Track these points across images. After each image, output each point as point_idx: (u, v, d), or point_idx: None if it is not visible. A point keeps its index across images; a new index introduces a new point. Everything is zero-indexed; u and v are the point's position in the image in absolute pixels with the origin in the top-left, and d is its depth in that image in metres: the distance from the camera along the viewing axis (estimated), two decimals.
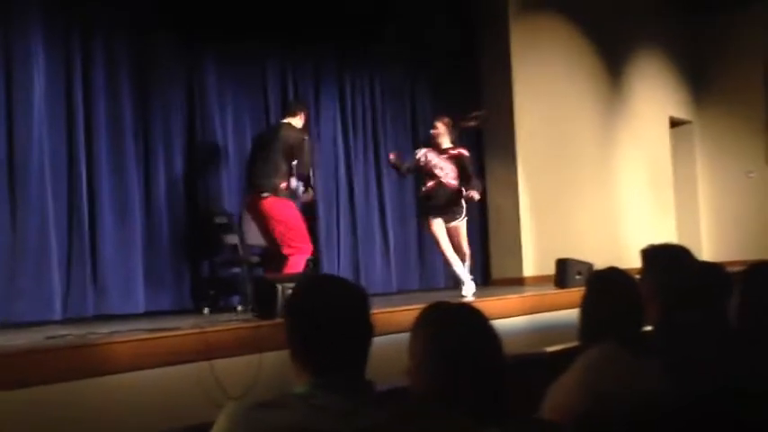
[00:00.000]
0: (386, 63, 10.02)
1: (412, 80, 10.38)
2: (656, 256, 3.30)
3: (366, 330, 2.11)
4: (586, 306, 2.82)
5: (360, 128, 9.72)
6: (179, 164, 7.87)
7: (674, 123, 14.59)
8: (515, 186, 10.87)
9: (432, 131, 7.91)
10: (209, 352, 4.81)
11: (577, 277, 8.45)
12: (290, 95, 8.90)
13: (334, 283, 2.19)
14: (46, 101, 6.84)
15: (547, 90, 11.37)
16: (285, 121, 7.26)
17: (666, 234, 13.01)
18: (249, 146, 8.04)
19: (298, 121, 7.24)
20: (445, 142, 7.85)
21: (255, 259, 7.36)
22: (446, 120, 7.95)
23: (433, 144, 7.86)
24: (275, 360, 5.00)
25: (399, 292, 9.65)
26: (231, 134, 8.27)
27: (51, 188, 6.76)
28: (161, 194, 7.66)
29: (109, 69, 7.37)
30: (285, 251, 6.92)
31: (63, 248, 6.86)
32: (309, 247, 7.14)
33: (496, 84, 11.04)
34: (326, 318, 2.07)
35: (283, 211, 6.96)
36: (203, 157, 8.06)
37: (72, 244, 6.94)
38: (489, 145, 11.13)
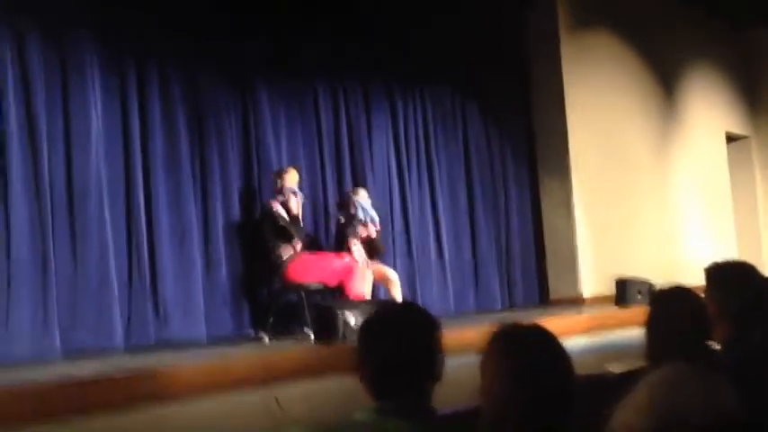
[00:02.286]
0: (436, 86, 10.03)
1: (462, 102, 10.37)
2: (721, 273, 3.24)
3: (436, 359, 2.17)
4: (652, 325, 2.78)
5: (413, 150, 9.72)
6: (235, 191, 7.94)
7: (731, 138, 14.39)
8: (570, 205, 10.79)
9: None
10: (271, 378, 4.84)
11: (638, 296, 8.36)
12: (343, 121, 8.96)
13: (407, 311, 2.26)
14: (104, 133, 6.97)
15: (599, 107, 11.29)
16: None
17: (726, 250, 12.80)
18: (303, 170, 8.14)
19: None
20: None
21: (314, 286, 7.38)
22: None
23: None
24: (338, 385, 5.01)
25: (457, 313, 9.58)
26: (286, 161, 8.31)
27: (110, 217, 6.87)
28: (218, 221, 7.71)
29: (164, 100, 7.47)
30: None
31: (123, 277, 6.95)
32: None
33: (548, 103, 10.99)
34: (397, 346, 2.14)
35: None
36: (259, 184, 8.11)
37: (132, 272, 7.03)
38: (543, 164, 11.08)
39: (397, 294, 7.64)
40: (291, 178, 7.56)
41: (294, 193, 7.49)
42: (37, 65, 6.60)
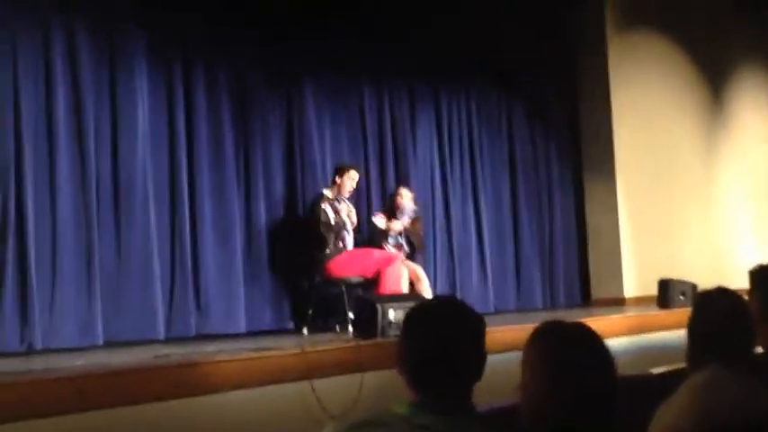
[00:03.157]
0: (482, 86, 10.02)
1: (508, 102, 10.33)
2: (766, 275, 3.19)
3: (479, 356, 2.16)
4: (694, 327, 2.75)
5: (456, 150, 9.70)
6: (278, 188, 7.97)
7: None
8: (614, 205, 10.71)
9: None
10: (310, 372, 4.86)
11: (681, 298, 8.29)
12: (387, 120, 8.99)
13: (452, 306, 2.25)
14: (150, 128, 7.03)
15: (646, 108, 11.19)
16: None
17: None
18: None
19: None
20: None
21: (355, 279, 7.40)
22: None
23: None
24: (376, 380, 5.03)
25: (497, 311, 9.57)
26: (330, 158, 8.34)
27: (155, 211, 6.93)
28: (261, 217, 7.76)
29: (210, 97, 7.51)
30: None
31: (166, 269, 7.00)
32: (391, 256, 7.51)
33: (594, 103, 10.92)
34: (441, 341, 2.13)
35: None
36: (302, 182, 8.14)
37: (174, 265, 7.08)
38: (587, 163, 11.02)
39: (426, 291, 7.65)
40: (349, 179, 7.59)
41: (344, 200, 7.54)
42: (86, 59, 6.66)
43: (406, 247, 8.00)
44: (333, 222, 7.37)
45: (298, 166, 8.16)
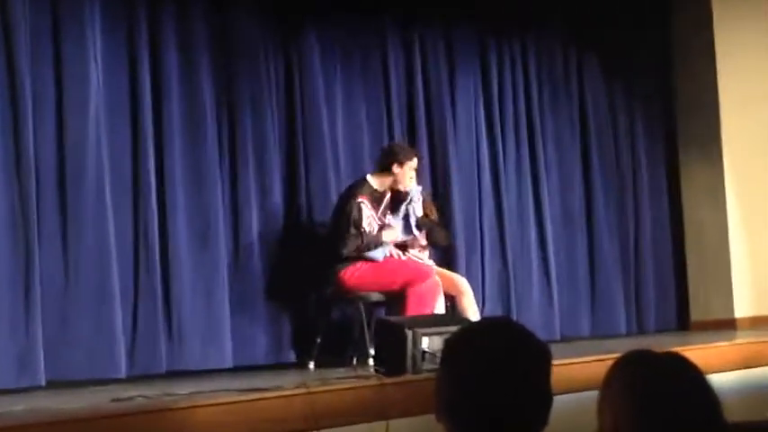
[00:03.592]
0: (543, 35, 10.01)
1: (578, 57, 10.30)
2: None
3: (543, 398, 2.17)
4: None
5: (509, 119, 9.66)
6: (275, 172, 8.00)
7: None
8: (722, 197, 10.65)
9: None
10: (317, 419, 4.87)
11: None
12: (418, 80, 8.99)
13: (507, 332, 2.26)
14: (105, 97, 7.06)
15: (761, 70, 11.10)
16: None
17: None
18: (365, 145, 8.25)
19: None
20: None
21: (376, 296, 7.41)
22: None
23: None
24: (404, 428, 5.04)
25: (564, 339, 9.58)
26: (342, 129, 8.38)
27: (112, 207, 6.96)
28: (252, 212, 7.79)
29: (183, 51, 7.56)
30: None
31: (127, 285, 7.03)
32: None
33: (695, 61, 10.86)
34: (492, 379, 2.14)
35: None
36: (306, 163, 8.18)
37: (139, 279, 7.11)
38: (685, 140, 10.97)
39: (471, 308, 7.66)
40: (410, 170, 7.63)
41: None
42: (18, 4, 6.66)
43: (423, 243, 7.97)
44: (366, 225, 7.40)
45: (300, 144, 8.19)
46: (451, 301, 7.70)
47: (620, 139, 10.61)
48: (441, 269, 7.91)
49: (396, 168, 7.54)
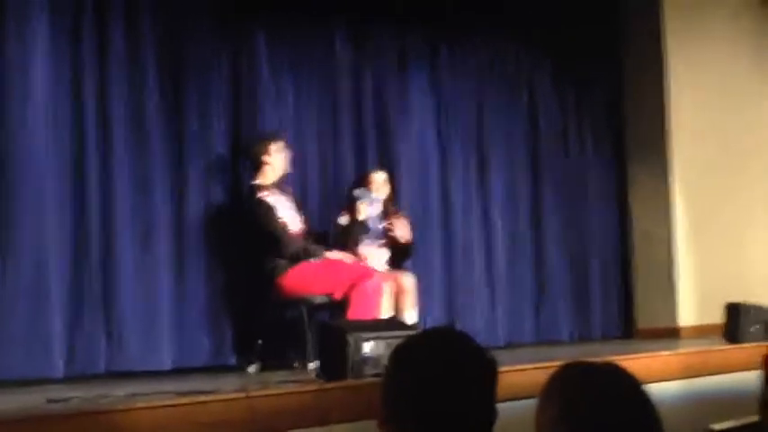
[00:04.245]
0: (494, 38, 10.04)
1: (530, 61, 10.36)
2: None
3: (487, 411, 2.20)
4: None
5: (461, 122, 9.71)
6: (220, 173, 7.99)
7: None
8: (669, 205, 10.73)
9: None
10: (256, 424, 4.84)
11: (755, 328, 8.30)
12: (368, 81, 9.01)
13: (457, 344, 2.28)
14: (47, 90, 6.98)
15: (711, 79, 11.18)
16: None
17: None
18: (314, 144, 8.31)
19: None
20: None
21: (319, 299, 7.39)
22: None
23: None
24: None
25: (509, 345, 9.60)
26: (291, 132, 8.34)
27: (52, 204, 6.90)
28: (196, 214, 7.76)
29: (129, 51, 7.50)
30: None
31: (66, 284, 6.97)
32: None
33: (643, 63, 10.95)
34: (438, 389, 2.15)
35: None
36: None
37: (78, 278, 7.05)
38: (634, 150, 11.04)
39: (409, 308, 7.67)
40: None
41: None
42: None
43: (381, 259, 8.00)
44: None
45: (245, 141, 8.11)
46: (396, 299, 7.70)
47: (570, 146, 10.67)
48: (392, 271, 7.91)
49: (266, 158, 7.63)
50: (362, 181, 8.20)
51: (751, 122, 11.79)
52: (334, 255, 7.61)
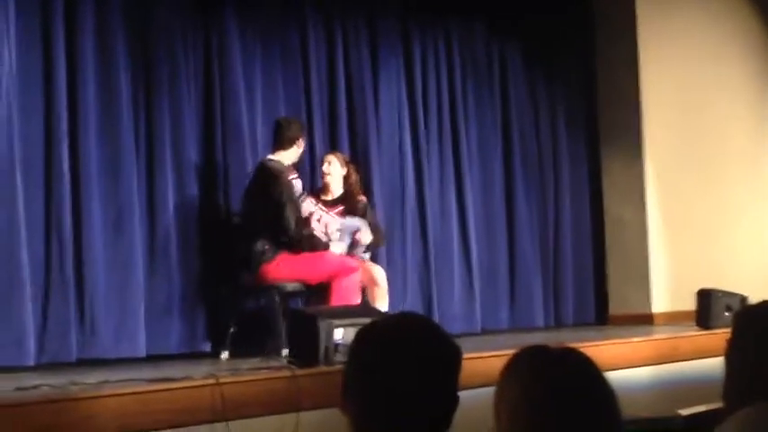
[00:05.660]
0: (467, 23, 10.02)
1: (501, 47, 10.35)
2: None
3: (448, 398, 2.18)
4: (734, 353, 2.76)
5: (433, 109, 9.70)
6: (192, 157, 7.96)
7: None
8: (641, 193, 10.75)
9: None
10: (226, 410, 4.83)
11: (726, 314, 8.34)
12: (340, 67, 8.98)
13: (415, 328, 2.26)
14: (17, 76, 6.94)
15: (685, 64, 11.21)
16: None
17: None
18: None
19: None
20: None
21: (292, 286, 7.38)
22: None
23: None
24: (315, 421, 5.01)
25: (485, 332, 9.61)
26: (261, 117, 8.35)
27: (23, 190, 6.85)
28: (168, 200, 7.73)
29: (99, 37, 7.46)
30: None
31: (38, 271, 6.93)
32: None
33: (616, 55, 10.94)
34: (395, 375, 2.14)
35: None
36: (224, 150, 8.15)
37: (50, 264, 7.02)
38: (607, 136, 11.05)
39: (381, 300, 7.66)
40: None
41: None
42: None
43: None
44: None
45: (218, 131, 8.16)
46: (363, 291, 7.69)
47: (542, 133, 10.68)
48: (367, 264, 7.91)
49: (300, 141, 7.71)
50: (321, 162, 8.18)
51: (726, 112, 11.83)
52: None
